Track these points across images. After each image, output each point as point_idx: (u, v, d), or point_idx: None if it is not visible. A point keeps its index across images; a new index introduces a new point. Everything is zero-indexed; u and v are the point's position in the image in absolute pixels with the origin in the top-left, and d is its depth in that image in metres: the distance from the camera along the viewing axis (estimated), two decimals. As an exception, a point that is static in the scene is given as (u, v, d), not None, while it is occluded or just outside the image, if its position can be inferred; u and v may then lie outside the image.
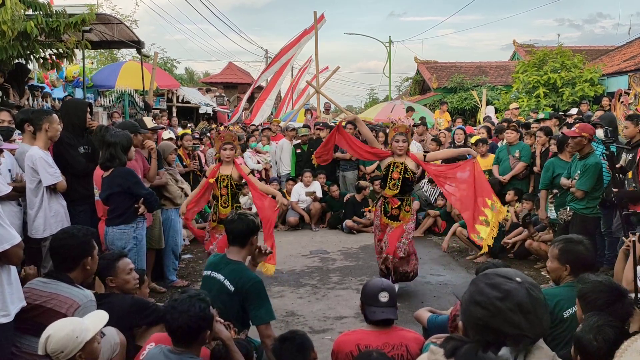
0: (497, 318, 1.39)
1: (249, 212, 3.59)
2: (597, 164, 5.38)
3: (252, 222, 3.40)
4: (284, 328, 4.61)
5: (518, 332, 1.39)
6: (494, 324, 1.40)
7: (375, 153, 5.87)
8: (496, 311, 1.39)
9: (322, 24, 12.80)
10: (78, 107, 5.12)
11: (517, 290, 1.42)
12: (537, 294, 1.44)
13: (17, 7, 6.17)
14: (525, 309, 1.40)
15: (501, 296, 1.40)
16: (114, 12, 21.67)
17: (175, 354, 2.49)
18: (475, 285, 1.49)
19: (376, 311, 2.98)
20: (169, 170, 5.99)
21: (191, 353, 2.52)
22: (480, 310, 1.42)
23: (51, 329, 2.37)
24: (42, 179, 4.39)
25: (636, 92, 11.47)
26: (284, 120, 13.52)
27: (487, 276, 1.48)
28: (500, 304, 1.40)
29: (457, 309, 2.85)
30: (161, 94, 15.74)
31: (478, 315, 1.42)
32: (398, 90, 34.47)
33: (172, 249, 5.93)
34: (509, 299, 1.40)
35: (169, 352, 2.51)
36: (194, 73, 39.18)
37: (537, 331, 1.42)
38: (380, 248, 5.60)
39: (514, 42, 24.00)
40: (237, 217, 3.41)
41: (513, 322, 1.39)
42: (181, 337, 2.50)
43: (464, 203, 5.41)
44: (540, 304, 1.44)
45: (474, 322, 1.43)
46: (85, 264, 3.07)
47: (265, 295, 3.28)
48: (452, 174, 5.57)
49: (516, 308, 1.39)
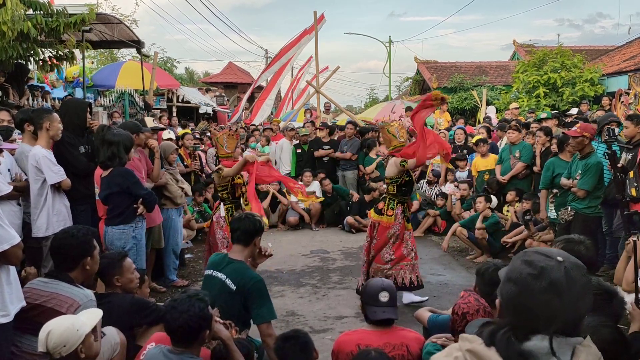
0: (528, 297, 1.31)
1: (254, 212, 3.60)
2: (599, 164, 5.38)
3: (259, 222, 3.41)
4: (285, 328, 4.61)
5: (549, 313, 1.29)
6: (525, 303, 1.32)
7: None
8: (527, 289, 1.31)
9: (322, 24, 12.80)
10: (78, 106, 5.11)
11: (553, 269, 1.31)
12: (577, 275, 1.32)
13: (18, 7, 6.17)
14: (559, 288, 1.29)
15: (535, 273, 1.31)
16: (114, 12, 21.68)
17: (175, 353, 2.49)
18: (513, 262, 1.41)
19: (377, 311, 2.98)
20: (169, 170, 5.99)
21: (191, 353, 2.52)
22: (512, 288, 1.34)
23: (50, 325, 2.37)
24: (46, 178, 4.39)
25: (636, 92, 11.47)
26: (284, 120, 13.52)
27: (526, 253, 1.39)
28: (532, 282, 1.31)
29: (459, 305, 2.84)
30: (161, 94, 15.73)
31: (511, 293, 1.35)
32: (398, 90, 34.50)
33: (172, 248, 5.93)
34: (543, 277, 1.31)
35: (169, 352, 2.51)
36: (194, 73, 39.18)
37: (572, 315, 1.31)
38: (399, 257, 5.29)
39: (514, 42, 24.02)
40: (245, 216, 3.42)
41: (544, 302, 1.30)
42: (181, 337, 2.50)
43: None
44: (579, 286, 1.31)
45: (506, 301, 1.36)
46: (86, 264, 3.07)
47: (267, 294, 3.28)
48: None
49: (549, 287, 1.30)
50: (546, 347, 1.28)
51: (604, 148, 5.57)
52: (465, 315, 2.77)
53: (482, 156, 8.38)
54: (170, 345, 2.57)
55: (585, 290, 1.33)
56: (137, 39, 10.80)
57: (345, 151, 9.66)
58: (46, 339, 2.32)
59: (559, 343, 1.29)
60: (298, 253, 7.47)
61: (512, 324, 1.34)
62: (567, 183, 5.59)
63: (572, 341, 1.32)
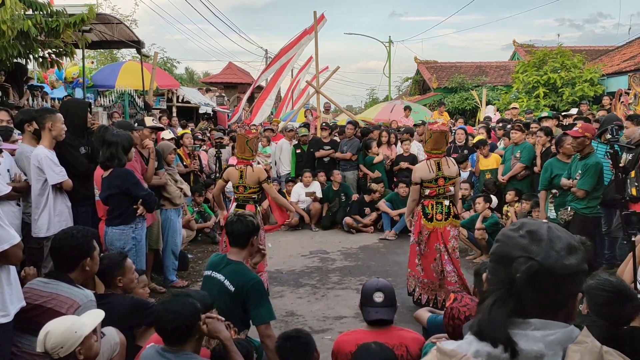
0: (506, 246, 1.31)
1: (248, 213, 3.58)
2: (598, 164, 5.39)
3: (251, 222, 3.38)
4: (284, 328, 4.61)
5: (524, 254, 1.26)
6: (503, 252, 1.30)
7: None
8: (507, 239, 1.31)
9: (322, 24, 12.78)
10: (78, 107, 5.10)
11: (535, 225, 1.31)
12: (560, 232, 1.29)
13: (17, 6, 6.17)
14: (537, 236, 1.27)
15: (516, 227, 1.33)
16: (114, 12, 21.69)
17: (171, 352, 2.48)
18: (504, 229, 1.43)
19: (370, 311, 2.98)
20: (168, 170, 5.99)
21: (186, 351, 2.51)
22: (496, 246, 1.35)
23: (50, 326, 2.37)
24: (48, 178, 4.38)
25: (636, 92, 11.48)
26: (284, 120, 13.51)
27: (514, 223, 1.40)
28: (512, 233, 1.32)
29: (459, 310, 2.83)
30: (161, 94, 15.71)
31: (494, 250, 1.35)
32: (398, 90, 34.49)
33: (171, 249, 5.93)
34: (522, 228, 1.31)
35: (163, 350, 2.50)
36: (194, 73, 39.17)
37: (550, 260, 1.23)
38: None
39: (514, 42, 24.02)
40: (236, 219, 3.41)
41: (520, 245, 1.28)
42: (178, 337, 2.49)
43: None
44: (562, 241, 1.27)
45: (491, 260, 1.36)
46: (85, 265, 3.07)
47: (266, 295, 3.29)
48: None
49: (526, 234, 1.29)
50: (534, 351, 1.20)
51: (605, 148, 5.57)
52: (469, 318, 2.73)
53: (484, 157, 8.41)
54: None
55: (570, 250, 1.26)
56: (137, 39, 10.80)
57: (345, 151, 9.67)
58: (44, 339, 2.33)
59: (548, 343, 1.21)
60: (297, 253, 7.48)
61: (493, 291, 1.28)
62: (567, 183, 5.59)
63: (562, 339, 1.22)
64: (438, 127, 5.16)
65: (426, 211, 5.12)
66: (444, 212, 5.06)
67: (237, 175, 5.30)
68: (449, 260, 5.08)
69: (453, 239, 5.08)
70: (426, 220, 5.11)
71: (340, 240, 8.28)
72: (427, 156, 5.18)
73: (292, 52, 13.29)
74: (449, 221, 5.06)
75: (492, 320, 1.23)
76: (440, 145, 5.10)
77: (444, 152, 5.16)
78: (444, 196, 5.10)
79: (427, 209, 5.12)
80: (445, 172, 5.08)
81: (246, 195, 5.27)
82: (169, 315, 2.47)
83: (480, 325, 1.25)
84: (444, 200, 5.08)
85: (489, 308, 1.25)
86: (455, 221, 5.13)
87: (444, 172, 5.07)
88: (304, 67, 16.53)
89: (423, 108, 17.12)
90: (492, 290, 1.29)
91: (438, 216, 5.06)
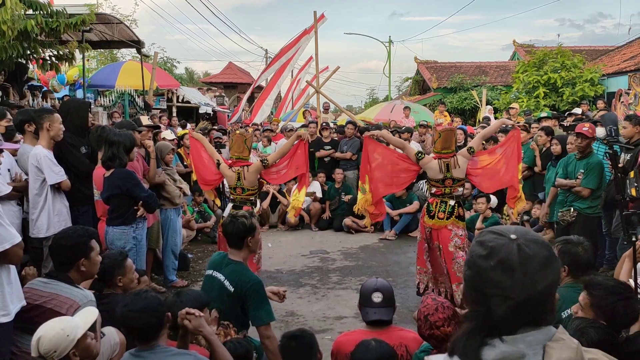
0: (479, 278, 1.24)
1: (242, 213, 3.54)
2: (600, 162, 5.44)
3: (243, 223, 3.33)
4: (284, 328, 4.61)
5: (499, 292, 1.20)
6: (477, 285, 1.24)
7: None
8: (478, 270, 1.24)
9: (322, 22, 12.78)
10: (79, 107, 5.11)
11: (504, 247, 1.23)
12: (532, 250, 1.22)
13: (17, 7, 6.17)
14: (509, 266, 1.20)
15: (485, 254, 1.24)
16: (114, 12, 21.65)
17: (146, 350, 2.47)
18: (472, 244, 1.35)
19: (369, 312, 2.97)
20: (166, 170, 5.99)
21: (160, 345, 2.49)
22: (467, 272, 1.28)
23: (41, 330, 2.36)
24: (46, 178, 4.38)
25: (636, 92, 11.48)
26: (284, 120, 13.51)
27: (482, 233, 1.33)
28: (482, 262, 1.23)
29: (420, 310, 2.80)
30: (161, 94, 15.71)
31: (466, 277, 1.28)
32: (398, 90, 34.49)
33: (171, 249, 5.93)
34: (492, 256, 1.22)
35: (138, 351, 2.48)
36: (194, 73, 39.15)
37: (525, 292, 1.20)
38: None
39: (514, 42, 23.99)
40: (230, 220, 3.39)
41: (493, 281, 1.21)
42: (149, 333, 2.48)
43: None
44: (537, 262, 1.22)
45: (465, 286, 1.30)
46: (80, 265, 3.02)
47: (265, 296, 3.27)
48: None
49: (497, 265, 1.21)
50: (515, 352, 1.19)
51: (605, 149, 5.58)
52: (427, 317, 2.69)
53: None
54: (174, 346, 2.57)
55: (545, 264, 1.23)
56: (137, 39, 10.81)
57: (345, 151, 9.67)
58: (37, 344, 2.32)
59: (528, 343, 1.20)
60: (297, 253, 7.48)
61: (472, 317, 1.26)
62: (567, 183, 5.58)
63: (540, 338, 1.21)
64: (446, 126, 5.16)
65: (430, 209, 5.14)
66: (447, 211, 5.05)
67: (235, 177, 5.16)
68: (445, 259, 5.09)
69: (455, 237, 5.06)
70: (428, 217, 5.13)
71: (340, 240, 8.28)
72: (436, 156, 5.13)
73: (292, 52, 13.29)
74: (450, 221, 5.05)
75: (465, 350, 1.23)
76: (450, 143, 5.09)
77: (454, 152, 5.15)
78: (449, 196, 5.10)
79: (431, 207, 5.13)
80: (454, 173, 5.06)
81: (244, 197, 5.19)
82: (134, 313, 2.46)
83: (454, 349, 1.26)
84: (450, 200, 5.08)
85: (466, 336, 1.24)
86: (458, 222, 5.07)
87: (452, 173, 5.06)
88: (304, 67, 16.54)
89: (423, 108, 17.10)
90: (470, 315, 1.28)
91: (440, 214, 5.06)
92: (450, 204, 5.07)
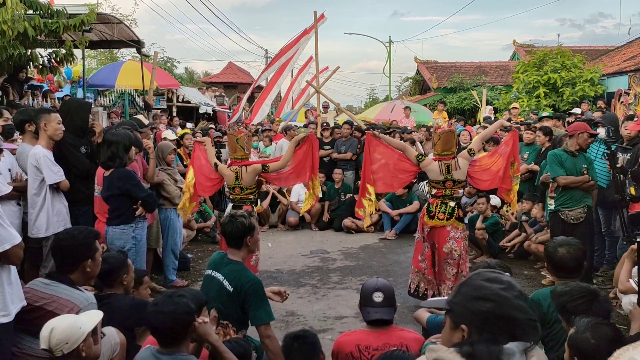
0: (505, 306, 1.42)
1: (241, 213, 3.54)
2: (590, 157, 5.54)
3: (242, 223, 3.33)
4: (284, 328, 4.62)
5: (528, 316, 1.42)
6: (504, 313, 1.42)
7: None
8: (503, 300, 1.43)
9: (322, 22, 12.76)
10: (81, 107, 5.10)
11: (514, 282, 1.51)
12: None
13: (18, 7, 6.18)
14: (525, 296, 1.47)
15: (504, 286, 1.45)
16: (114, 12, 21.69)
17: (166, 354, 2.47)
18: (469, 285, 1.52)
19: (370, 311, 2.97)
20: (167, 170, 5.99)
21: (182, 352, 2.49)
22: (485, 304, 1.43)
23: (53, 322, 2.38)
24: (45, 177, 4.38)
25: (636, 92, 11.48)
26: (284, 120, 13.51)
27: (480, 274, 1.53)
28: (505, 293, 1.44)
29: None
30: (161, 94, 15.71)
31: (484, 309, 1.43)
32: (398, 90, 34.46)
33: (171, 248, 5.93)
34: (512, 288, 1.46)
35: (158, 352, 2.48)
36: (194, 73, 39.13)
37: (536, 314, 1.52)
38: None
39: (514, 42, 23.99)
40: (228, 220, 3.39)
41: (521, 308, 1.43)
42: (172, 338, 2.47)
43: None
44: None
45: (481, 318, 1.43)
46: (85, 266, 3.03)
47: (264, 296, 3.26)
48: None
49: (519, 294, 1.45)
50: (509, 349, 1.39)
51: (604, 149, 5.58)
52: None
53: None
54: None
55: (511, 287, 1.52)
56: (137, 39, 10.80)
57: (342, 151, 9.67)
58: (49, 335, 2.33)
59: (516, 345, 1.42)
60: (298, 253, 7.48)
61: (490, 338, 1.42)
62: (581, 179, 5.30)
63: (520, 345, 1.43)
64: (445, 128, 5.19)
65: (430, 209, 5.14)
66: (447, 212, 5.05)
67: (233, 177, 5.15)
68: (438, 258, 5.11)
69: (452, 240, 5.06)
70: (428, 217, 5.13)
71: (340, 240, 8.28)
72: (437, 158, 5.12)
73: (292, 52, 13.28)
74: (450, 222, 5.05)
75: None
76: (450, 145, 5.09)
77: (454, 153, 5.15)
78: (450, 197, 5.09)
79: (431, 207, 5.13)
80: (455, 175, 5.06)
81: (243, 196, 5.19)
82: (162, 315, 2.43)
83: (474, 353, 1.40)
84: (450, 202, 5.08)
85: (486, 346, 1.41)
86: (458, 223, 5.08)
87: (453, 175, 5.06)
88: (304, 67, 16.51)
89: (423, 108, 17.10)
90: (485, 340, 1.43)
91: (440, 215, 5.06)
92: (450, 205, 5.07)
